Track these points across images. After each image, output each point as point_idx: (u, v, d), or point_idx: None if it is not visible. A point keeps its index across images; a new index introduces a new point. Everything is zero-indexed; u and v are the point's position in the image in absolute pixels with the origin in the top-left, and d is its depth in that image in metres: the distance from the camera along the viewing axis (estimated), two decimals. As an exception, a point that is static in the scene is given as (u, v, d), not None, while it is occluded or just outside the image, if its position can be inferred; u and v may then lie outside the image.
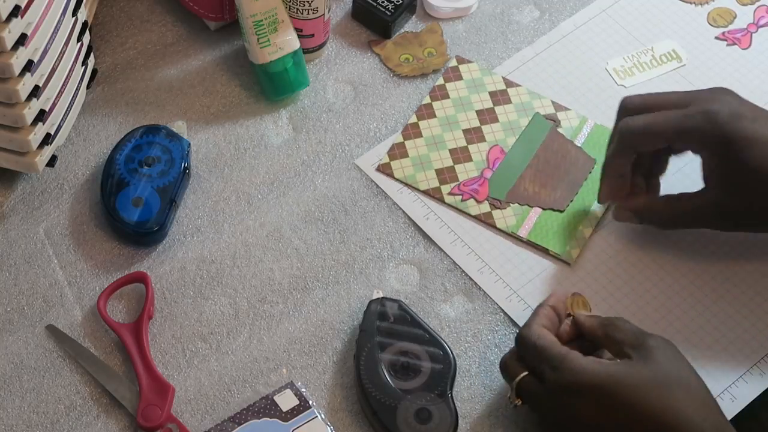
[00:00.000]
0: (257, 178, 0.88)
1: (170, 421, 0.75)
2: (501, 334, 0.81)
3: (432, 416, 0.74)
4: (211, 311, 0.82)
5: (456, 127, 0.91)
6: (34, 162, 0.82)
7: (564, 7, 1.00)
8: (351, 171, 0.89)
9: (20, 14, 0.73)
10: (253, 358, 0.79)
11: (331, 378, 0.79)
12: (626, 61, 0.96)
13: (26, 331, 0.80)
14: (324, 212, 0.87)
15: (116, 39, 0.96)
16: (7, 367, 0.78)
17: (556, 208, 0.87)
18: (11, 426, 0.76)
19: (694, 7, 1.00)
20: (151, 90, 0.93)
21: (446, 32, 0.98)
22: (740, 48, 0.98)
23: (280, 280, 0.83)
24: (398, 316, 0.79)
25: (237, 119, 0.92)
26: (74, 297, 0.81)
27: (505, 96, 0.93)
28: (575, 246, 0.85)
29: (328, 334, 0.81)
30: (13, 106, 0.78)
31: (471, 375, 0.79)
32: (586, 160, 0.90)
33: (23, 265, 0.83)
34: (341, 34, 0.97)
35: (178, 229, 0.85)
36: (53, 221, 0.85)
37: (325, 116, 0.92)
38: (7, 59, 0.74)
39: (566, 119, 0.92)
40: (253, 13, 0.87)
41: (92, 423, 0.76)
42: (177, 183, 0.84)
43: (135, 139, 0.86)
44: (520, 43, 0.98)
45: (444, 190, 0.88)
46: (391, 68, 0.95)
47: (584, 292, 0.83)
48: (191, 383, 0.78)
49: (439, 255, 0.85)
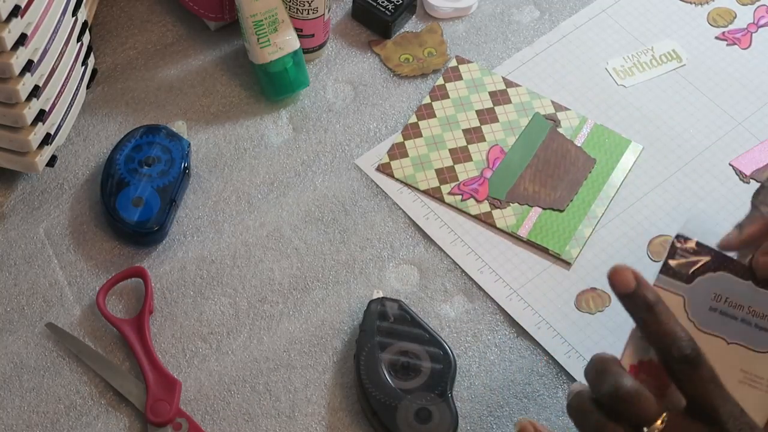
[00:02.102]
0: (257, 178, 0.88)
1: (179, 415, 0.75)
2: (501, 334, 0.81)
3: (432, 416, 0.74)
4: (211, 311, 0.82)
5: (456, 127, 0.91)
6: (34, 162, 0.82)
7: (564, 7, 1.00)
8: (351, 171, 0.89)
9: (20, 14, 0.73)
10: (253, 358, 0.79)
11: (331, 378, 0.79)
12: (626, 61, 0.96)
13: (26, 330, 0.80)
14: (324, 212, 0.87)
15: (116, 39, 0.96)
16: (7, 367, 0.78)
17: (556, 207, 0.87)
18: (11, 426, 0.76)
19: (694, 7, 1.00)
20: (151, 90, 0.93)
21: (446, 32, 0.98)
22: (740, 48, 0.98)
23: (280, 280, 0.83)
24: (398, 316, 0.79)
25: (237, 119, 0.92)
26: (74, 297, 0.82)
27: (505, 96, 0.93)
28: (575, 246, 0.85)
29: (328, 334, 0.81)
30: (13, 106, 0.78)
31: (471, 375, 0.79)
32: (586, 159, 0.90)
33: (23, 265, 0.83)
34: (341, 34, 0.97)
35: (178, 229, 0.85)
36: (53, 221, 0.85)
37: (325, 116, 0.92)
38: (7, 59, 0.74)
39: (566, 119, 0.92)
40: (253, 13, 0.87)
41: (92, 423, 0.76)
42: (177, 183, 0.84)
43: (135, 139, 0.86)
44: (520, 43, 0.98)
45: (444, 189, 0.88)
46: (391, 68, 0.95)
47: (584, 292, 0.83)
48: (191, 383, 0.78)
49: (439, 255, 0.85)
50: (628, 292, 0.62)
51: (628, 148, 0.91)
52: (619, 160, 0.90)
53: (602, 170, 0.89)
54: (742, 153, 0.91)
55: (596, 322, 0.82)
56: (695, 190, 0.89)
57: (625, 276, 0.62)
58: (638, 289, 0.61)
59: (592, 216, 0.87)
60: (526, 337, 0.81)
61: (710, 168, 0.90)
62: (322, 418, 0.77)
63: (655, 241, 0.86)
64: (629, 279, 0.62)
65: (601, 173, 0.89)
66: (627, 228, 0.87)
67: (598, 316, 0.82)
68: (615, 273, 0.62)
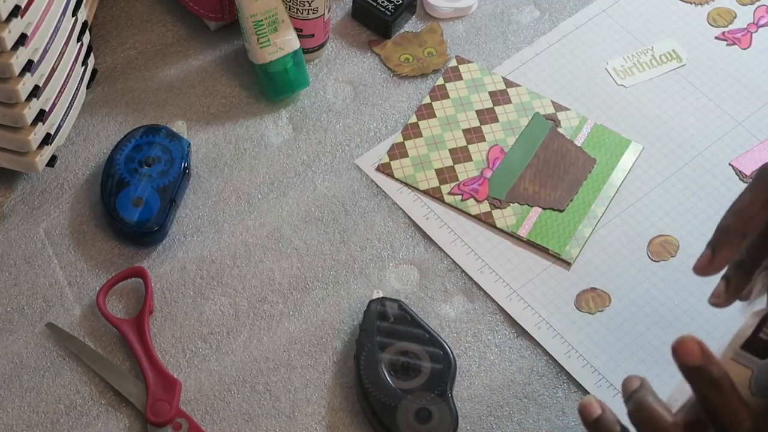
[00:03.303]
0: (257, 178, 0.88)
1: (180, 415, 0.76)
2: (501, 334, 0.81)
3: (432, 416, 0.74)
4: (211, 311, 0.82)
5: (456, 126, 0.91)
6: (34, 162, 0.82)
7: (564, 7, 1.00)
8: (351, 171, 0.89)
9: (20, 14, 0.73)
10: (253, 358, 0.79)
11: (331, 378, 0.79)
12: (626, 61, 0.96)
13: (26, 330, 0.80)
14: (324, 212, 0.87)
15: (116, 39, 0.96)
16: (7, 367, 0.78)
17: (556, 207, 0.87)
18: (11, 426, 0.76)
19: (694, 7, 1.00)
20: (151, 90, 0.93)
21: (446, 32, 0.98)
22: (740, 48, 0.98)
23: (280, 280, 0.83)
24: (398, 316, 0.79)
25: (237, 119, 0.92)
26: (74, 297, 0.82)
27: (505, 96, 0.93)
28: (575, 246, 0.85)
29: (328, 334, 0.81)
30: (13, 106, 0.78)
31: (471, 375, 0.79)
32: (586, 159, 0.90)
33: (23, 265, 0.83)
34: (341, 34, 0.97)
35: (178, 229, 0.85)
36: (53, 221, 0.85)
37: (325, 116, 0.92)
38: (7, 59, 0.74)
39: (566, 119, 0.92)
40: (253, 13, 0.87)
41: (92, 423, 0.76)
42: (177, 183, 0.84)
43: (135, 139, 0.86)
44: (520, 43, 0.98)
45: (444, 189, 0.88)
46: (391, 68, 0.95)
47: (584, 292, 0.83)
48: (191, 383, 0.78)
49: (439, 255, 0.85)
50: (694, 366, 0.58)
51: (628, 148, 0.91)
52: (619, 160, 0.90)
53: (602, 170, 0.89)
54: (742, 153, 0.91)
55: (596, 322, 0.82)
56: (695, 190, 0.89)
57: (691, 348, 0.58)
58: (705, 364, 0.58)
59: (592, 216, 0.87)
60: (526, 337, 0.81)
61: (710, 168, 0.90)
62: (322, 418, 0.77)
63: (655, 241, 0.86)
64: (695, 352, 0.58)
65: (601, 173, 0.89)
66: (627, 228, 0.87)
67: (598, 316, 0.82)
68: (681, 344, 0.58)
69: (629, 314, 0.82)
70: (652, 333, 0.81)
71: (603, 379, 0.79)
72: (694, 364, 0.58)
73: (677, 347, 0.58)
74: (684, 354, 0.58)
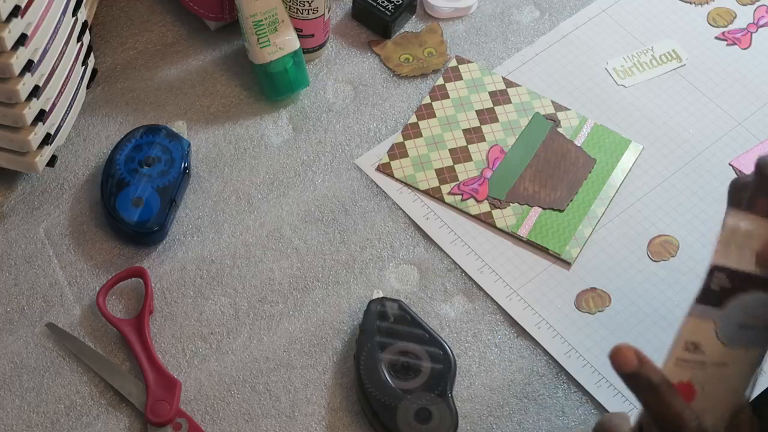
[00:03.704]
0: (257, 178, 0.88)
1: (179, 415, 0.76)
2: (501, 334, 0.81)
3: (432, 416, 0.74)
4: (211, 311, 0.82)
5: (456, 126, 0.91)
6: (34, 162, 0.82)
7: (564, 7, 1.00)
8: (351, 171, 0.89)
9: (20, 14, 0.73)
10: (253, 358, 0.79)
11: (331, 378, 0.79)
12: (626, 61, 0.96)
13: (26, 330, 0.80)
14: (324, 212, 0.87)
15: (116, 39, 0.96)
16: (7, 367, 0.78)
17: (556, 207, 0.87)
18: (11, 426, 0.76)
19: (694, 7, 1.00)
20: (151, 90, 0.93)
21: (446, 32, 0.98)
22: (740, 48, 0.98)
23: (280, 280, 0.83)
24: (398, 316, 0.79)
25: (237, 119, 0.92)
26: (74, 297, 0.82)
27: (505, 96, 0.93)
28: (575, 246, 0.85)
29: (328, 334, 0.81)
30: (13, 106, 0.78)
31: (471, 375, 0.79)
32: (586, 159, 0.90)
33: (23, 265, 0.83)
34: (341, 34, 0.97)
35: (178, 229, 0.85)
36: (53, 221, 0.85)
37: (325, 116, 0.92)
38: (7, 59, 0.74)
39: (566, 119, 0.92)
40: (253, 13, 0.87)
41: (92, 423, 0.76)
42: (177, 183, 0.84)
43: (135, 139, 0.86)
44: (520, 43, 0.98)
45: (444, 189, 0.88)
46: (391, 68, 0.95)
47: (584, 292, 0.83)
48: (191, 383, 0.78)
49: (439, 255, 0.85)
50: (630, 372, 0.59)
51: (628, 148, 0.91)
52: (619, 160, 0.90)
53: (602, 170, 0.89)
54: (742, 153, 0.91)
55: (596, 322, 0.82)
56: (695, 190, 0.89)
57: (626, 355, 0.58)
58: (641, 370, 0.58)
59: (592, 216, 0.87)
60: (526, 337, 0.81)
61: (710, 168, 0.90)
62: (322, 418, 0.77)
63: (655, 241, 0.86)
64: (631, 358, 0.58)
65: (601, 173, 0.89)
66: (627, 228, 0.87)
67: (598, 316, 0.82)
68: (616, 353, 0.59)
69: (629, 314, 0.82)
70: (652, 333, 0.81)
71: (603, 379, 0.79)
72: (631, 371, 0.58)
73: (613, 356, 0.59)
74: (619, 362, 0.59)
